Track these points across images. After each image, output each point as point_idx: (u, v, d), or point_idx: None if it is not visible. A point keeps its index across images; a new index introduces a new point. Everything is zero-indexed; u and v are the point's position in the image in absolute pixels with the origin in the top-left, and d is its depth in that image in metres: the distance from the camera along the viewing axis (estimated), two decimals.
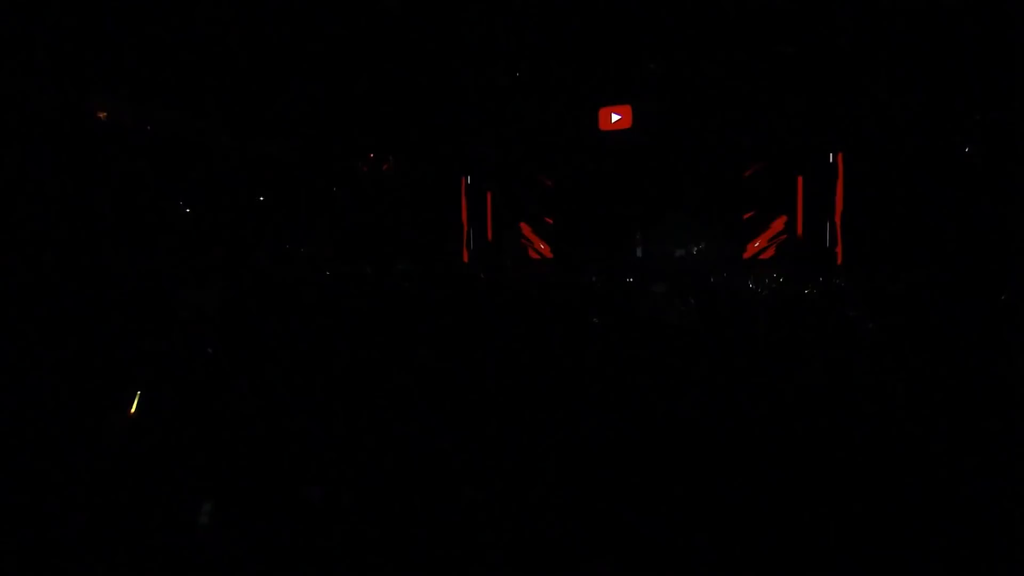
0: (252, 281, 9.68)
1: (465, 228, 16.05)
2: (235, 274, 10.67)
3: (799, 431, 3.44)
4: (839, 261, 12.77)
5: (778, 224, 13.94)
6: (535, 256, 15.66)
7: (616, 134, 13.37)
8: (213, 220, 13.25)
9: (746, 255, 14.12)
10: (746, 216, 14.13)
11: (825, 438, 3.33)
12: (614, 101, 13.19)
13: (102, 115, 12.27)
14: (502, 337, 5.40)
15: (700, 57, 12.47)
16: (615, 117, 13.05)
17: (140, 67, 11.96)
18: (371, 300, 7.64)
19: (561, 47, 12.41)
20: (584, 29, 12.01)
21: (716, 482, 2.89)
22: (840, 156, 12.92)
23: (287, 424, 3.53)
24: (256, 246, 13.62)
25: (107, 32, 11.11)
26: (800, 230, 13.55)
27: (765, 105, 12.63)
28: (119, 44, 11.40)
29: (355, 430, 3.57)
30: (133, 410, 2.28)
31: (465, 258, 16.00)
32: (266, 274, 11.02)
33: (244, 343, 5.18)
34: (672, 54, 12.50)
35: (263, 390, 4.03)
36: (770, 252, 14.12)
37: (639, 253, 15.02)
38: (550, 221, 15.45)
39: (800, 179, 13.56)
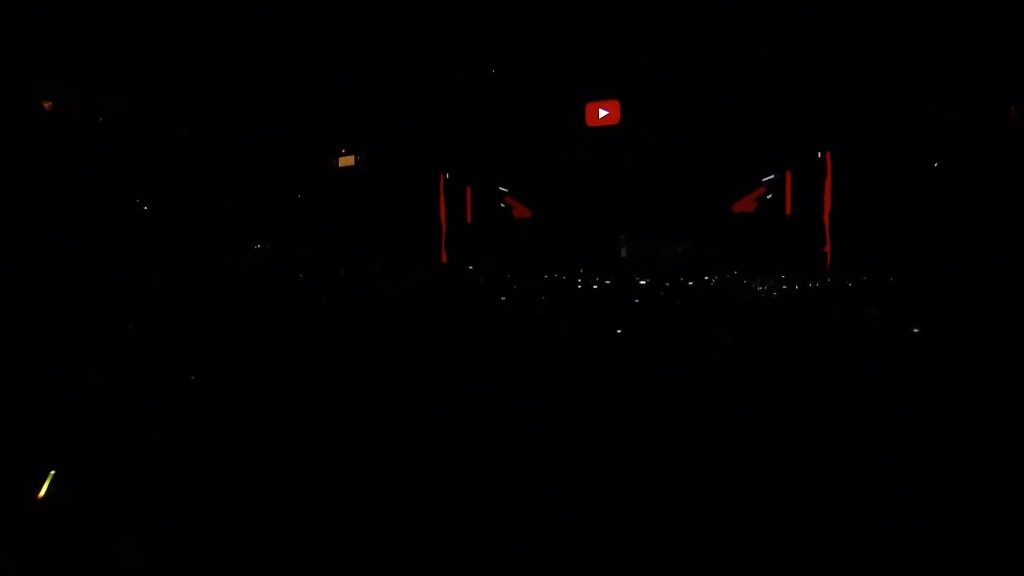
0: (215, 283, 8.94)
1: (444, 228, 15.35)
2: (197, 276, 9.87)
3: (801, 432, 3.30)
4: (827, 263, 12.49)
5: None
6: (518, 216, 15.45)
7: (604, 130, 12.96)
8: (173, 218, 12.35)
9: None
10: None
11: (827, 438, 3.19)
12: (602, 96, 12.77)
13: (47, 105, 11.27)
14: (493, 343, 4.95)
15: (689, 52, 12.16)
16: (603, 113, 12.61)
17: (90, 53, 11.03)
18: (345, 303, 7.09)
19: (549, 41, 11.95)
20: (573, 23, 11.58)
21: (721, 485, 2.73)
22: (828, 155, 12.68)
23: (257, 425, 3.28)
24: (220, 245, 12.77)
25: (54, 17, 10.19)
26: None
27: (755, 101, 12.35)
28: (67, 29, 10.48)
29: (329, 433, 3.29)
30: (42, 493, 1.77)
31: (444, 259, 15.31)
32: (231, 275, 10.28)
33: (209, 345, 4.74)
34: (661, 49, 12.15)
35: (233, 392, 3.77)
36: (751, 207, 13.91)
37: (624, 253, 14.64)
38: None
39: (788, 175, 13.27)
